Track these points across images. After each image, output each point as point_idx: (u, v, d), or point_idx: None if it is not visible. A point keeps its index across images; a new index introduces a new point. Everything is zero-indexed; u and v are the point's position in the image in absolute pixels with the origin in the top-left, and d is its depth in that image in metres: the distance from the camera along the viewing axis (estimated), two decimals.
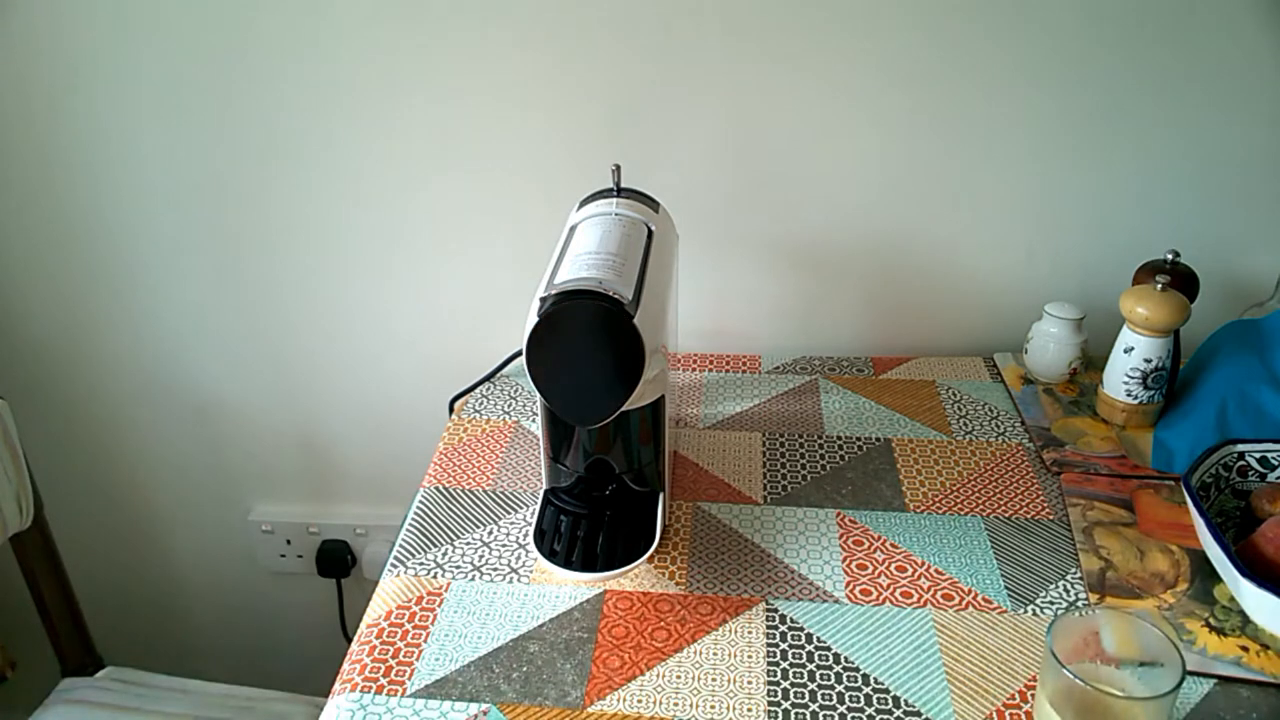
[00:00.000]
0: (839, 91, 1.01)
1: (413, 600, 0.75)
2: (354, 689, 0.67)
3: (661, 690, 0.67)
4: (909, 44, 0.98)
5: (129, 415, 1.30)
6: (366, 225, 1.13)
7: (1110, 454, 0.91)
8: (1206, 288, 0.95)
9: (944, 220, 1.07)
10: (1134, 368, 0.91)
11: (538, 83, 1.03)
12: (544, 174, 1.07)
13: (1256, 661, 0.68)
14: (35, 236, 1.17)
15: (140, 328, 1.23)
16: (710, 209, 1.07)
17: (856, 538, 0.81)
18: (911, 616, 0.73)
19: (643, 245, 0.78)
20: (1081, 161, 1.03)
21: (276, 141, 1.08)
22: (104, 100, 1.08)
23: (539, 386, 0.69)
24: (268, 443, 1.30)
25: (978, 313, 1.12)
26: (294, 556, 1.37)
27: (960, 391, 1.03)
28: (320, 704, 0.68)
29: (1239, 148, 1.00)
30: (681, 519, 0.84)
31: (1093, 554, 0.78)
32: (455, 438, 0.97)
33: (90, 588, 1.18)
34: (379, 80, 1.04)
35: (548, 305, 0.67)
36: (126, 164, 1.12)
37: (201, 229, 1.15)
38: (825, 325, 1.15)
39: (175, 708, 1.05)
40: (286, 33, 1.02)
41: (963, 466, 0.91)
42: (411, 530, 0.83)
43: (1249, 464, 0.81)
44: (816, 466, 0.91)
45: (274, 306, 1.19)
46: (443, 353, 1.20)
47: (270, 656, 1.47)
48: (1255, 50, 0.95)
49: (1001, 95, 1.00)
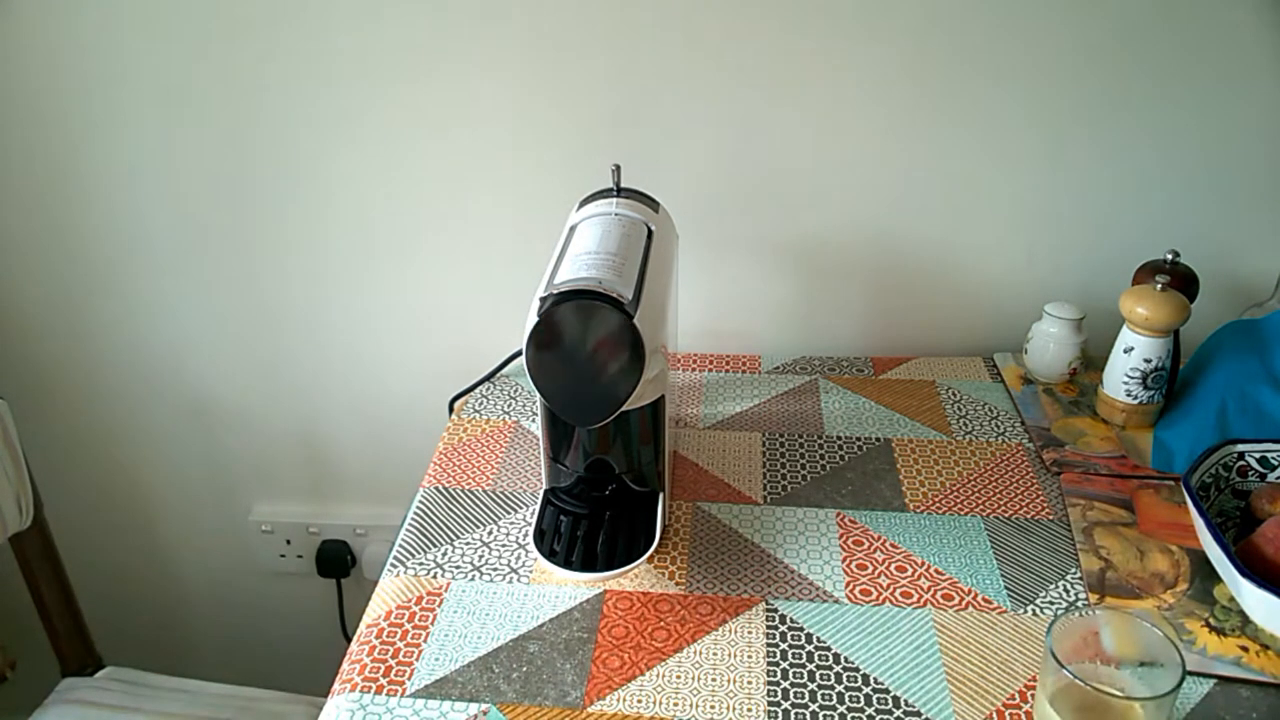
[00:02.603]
0: (839, 92, 1.01)
1: (413, 600, 0.75)
2: (354, 689, 0.67)
3: (661, 690, 0.67)
4: (909, 45, 0.98)
5: (129, 415, 1.30)
6: (366, 225, 1.13)
7: (1110, 454, 0.91)
8: (1206, 288, 0.95)
9: (944, 220, 1.07)
10: (1134, 368, 0.91)
11: (538, 82, 1.03)
12: (544, 174, 1.07)
13: (1256, 661, 0.68)
14: (35, 237, 1.17)
15: (140, 328, 1.23)
16: (710, 209, 1.07)
17: (856, 538, 0.81)
18: (911, 616, 0.73)
19: (643, 245, 0.78)
20: (1081, 161, 1.03)
21: (276, 141, 1.08)
22: (103, 101, 1.08)
23: (539, 386, 0.69)
24: (268, 443, 1.30)
25: (978, 313, 1.12)
26: (294, 556, 1.37)
27: (960, 391, 1.03)
28: (320, 704, 0.68)
29: (1239, 148, 1.00)
30: (681, 519, 0.84)
31: (1093, 554, 0.78)
32: (455, 438, 0.97)
33: (90, 588, 1.18)
34: (378, 82, 1.04)
35: (548, 305, 0.67)
36: (126, 165, 1.12)
37: (202, 229, 1.15)
38: (825, 325, 1.15)
39: (175, 708, 1.05)
40: (285, 32, 1.02)
41: (963, 466, 0.91)
42: (411, 530, 0.83)
43: (1249, 464, 0.81)
44: (816, 466, 0.91)
45: (274, 307, 1.19)
46: (443, 353, 1.20)
47: (270, 656, 1.47)
48: (1255, 50, 0.95)
49: (1002, 95, 1.00)
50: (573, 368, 0.68)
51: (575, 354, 0.67)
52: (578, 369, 0.68)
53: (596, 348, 0.67)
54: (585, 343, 0.67)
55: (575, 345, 0.67)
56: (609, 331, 0.66)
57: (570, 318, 0.66)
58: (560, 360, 0.67)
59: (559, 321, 0.66)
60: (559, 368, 0.68)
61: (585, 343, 0.67)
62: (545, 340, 0.67)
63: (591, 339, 0.67)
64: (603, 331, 0.66)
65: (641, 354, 0.67)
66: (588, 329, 0.66)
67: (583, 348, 0.67)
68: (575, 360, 0.67)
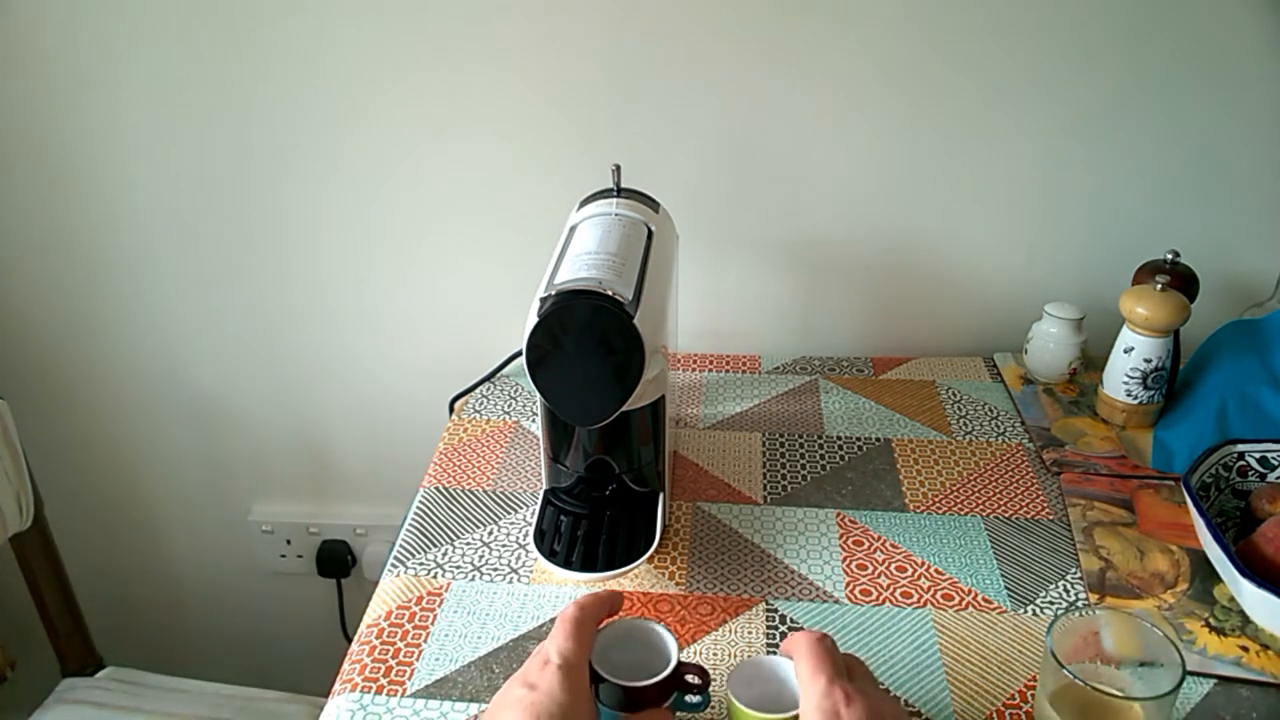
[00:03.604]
0: (839, 91, 1.01)
1: (413, 600, 0.75)
2: (354, 689, 0.67)
3: None
4: (909, 44, 0.98)
5: (129, 415, 1.30)
6: (366, 225, 1.13)
7: (1110, 454, 0.91)
8: (1206, 288, 0.95)
9: (944, 220, 1.07)
10: (1134, 368, 0.91)
11: (538, 82, 1.03)
12: (544, 174, 1.07)
13: (1256, 661, 0.68)
14: (35, 237, 1.17)
15: (140, 328, 1.23)
16: (710, 209, 1.07)
17: (856, 538, 0.81)
18: (911, 616, 0.73)
19: (643, 245, 0.78)
20: (1082, 161, 1.03)
21: (276, 142, 1.08)
22: (103, 101, 1.08)
23: (539, 386, 0.69)
24: (268, 443, 1.30)
25: (978, 313, 1.12)
26: (294, 556, 1.37)
27: (960, 391, 1.03)
28: (320, 704, 0.68)
29: (1239, 148, 1.00)
30: (681, 519, 0.84)
31: (1093, 554, 0.78)
32: (455, 438, 0.97)
33: (90, 588, 1.18)
34: (378, 81, 1.04)
35: (548, 305, 0.67)
36: (126, 164, 1.11)
37: (202, 229, 1.15)
38: (825, 325, 1.15)
39: (175, 708, 1.05)
40: (284, 31, 1.02)
41: (963, 466, 0.91)
42: (411, 530, 0.83)
43: (1249, 464, 0.81)
44: (816, 466, 0.91)
45: (274, 306, 1.19)
46: (443, 353, 1.20)
47: (270, 656, 1.47)
48: (1255, 50, 0.95)
49: (1002, 95, 1.00)
50: (573, 368, 0.68)
51: (575, 354, 0.67)
52: (578, 369, 0.68)
53: (596, 348, 0.67)
54: (585, 343, 0.67)
55: (575, 345, 0.67)
56: (609, 331, 0.66)
57: (570, 318, 0.66)
58: (560, 360, 0.67)
59: (559, 321, 0.66)
60: (559, 368, 0.68)
61: (585, 343, 0.67)
62: (545, 340, 0.67)
63: (591, 339, 0.67)
64: (603, 331, 0.66)
65: (641, 354, 0.67)
66: (588, 329, 0.66)
67: (583, 348, 0.67)
68: (575, 360, 0.67)
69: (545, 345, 0.67)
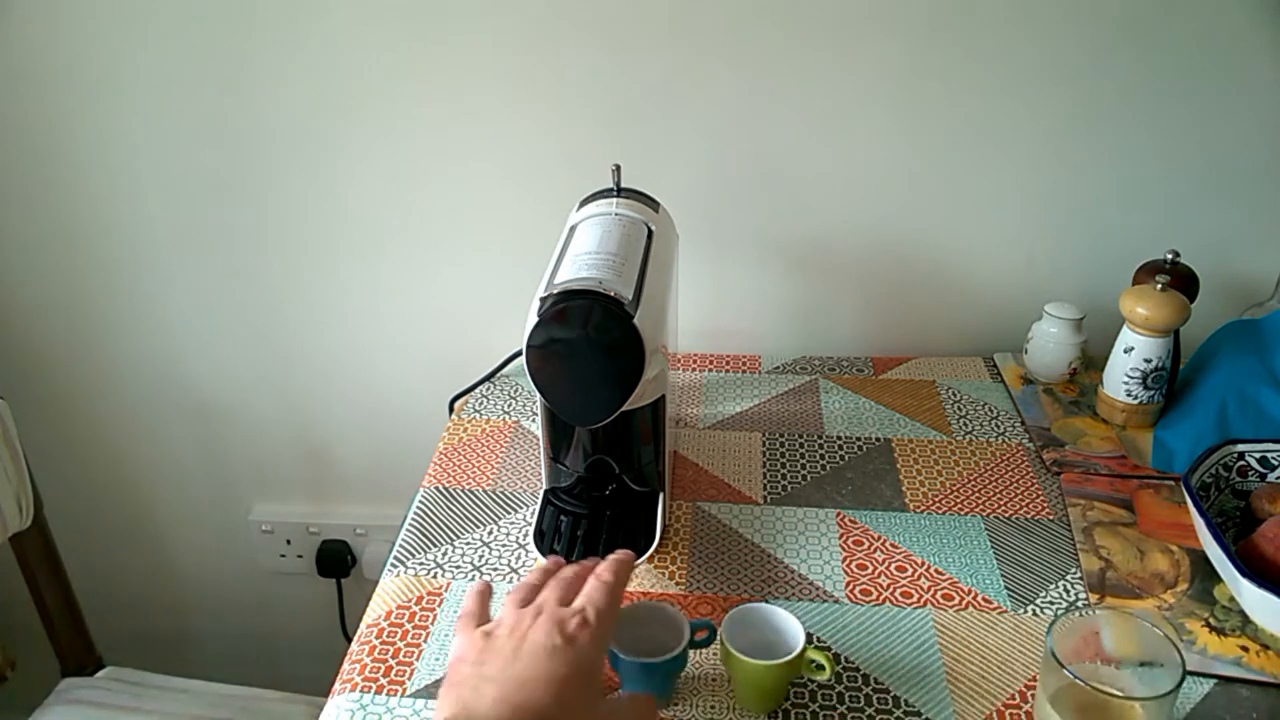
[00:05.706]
0: (839, 92, 1.01)
1: (413, 600, 0.75)
2: (354, 689, 0.67)
3: None
4: (910, 45, 0.98)
5: (129, 415, 1.30)
6: (366, 225, 1.13)
7: (1110, 454, 0.91)
8: (1206, 288, 0.95)
9: (944, 220, 1.07)
10: (1134, 368, 0.91)
11: (538, 82, 1.03)
12: (544, 174, 1.07)
13: (1256, 661, 0.68)
14: (35, 237, 1.17)
15: (140, 328, 1.23)
16: (710, 209, 1.07)
17: (856, 538, 0.81)
18: (911, 616, 0.73)
19: (643, 245, 0.78)
20: (1082, 161, 1.03)
21: (276, 142, 1.08)
22: (103, 101, 1.08)
23: (539, 386, 0.69)
24: (268, 443, 1.30)
25: (978, 313, 1.12)
26: (294, 556, 1.37)
27: (960, 391, 1.03)
28: (320, 704, 0.68)
29: (1239, 148, 1.00)
30: (681, 519, 0.84)
31: (1093, 554, 0.78)
32: (455, 438, 0.97)
33: (90, 588, 1.18)
34: (378, 81, 1.04)
35: (548, 305, 0.67)
36: (126, 164, 1.11)
37: (201, 229, 1.15)
38: (825, 325, 1.14)
39: (175, 708, 1.05)
40: (285, 32, 1.02)
41: (963, 466, 0.91)
42: (411, 530, 0.83)
43: (1249, 464, 0.81)
44: (816, 466, 0.91)
45: (274, 306, 1.19)
46: (443, 353, 1.20)
47: (270, 656, 1.47)
48: (1255, 51, 0.95)
49: (1002, 95, 1.00)
50: (573, 368, 0.68)
51: (575, 354, 0.67)
52: (578, 369, 0.68)
53: (596, 348, 0.67)
54: (585, 343, 0.67)
55: (575, 345, 0.67)
56: (609, 331, 0.66)
57: (570, 318, 0.66)
58: (560, 360, 0.67)
59: (559, 321, 0.66)
60: (559, 368, 0.68)
61: (585, 343, 0.67)
62: (545, 340, 0.67)
63: (591, 339, 0.67)
64: (602, 331, 0.66)
65: (641, 354, 0.67)
66: (588, 329, 0.66)
67: (583, 348, 0.67)
68: (575, 360, 0.67)
69: (545, 345, 0.67)
